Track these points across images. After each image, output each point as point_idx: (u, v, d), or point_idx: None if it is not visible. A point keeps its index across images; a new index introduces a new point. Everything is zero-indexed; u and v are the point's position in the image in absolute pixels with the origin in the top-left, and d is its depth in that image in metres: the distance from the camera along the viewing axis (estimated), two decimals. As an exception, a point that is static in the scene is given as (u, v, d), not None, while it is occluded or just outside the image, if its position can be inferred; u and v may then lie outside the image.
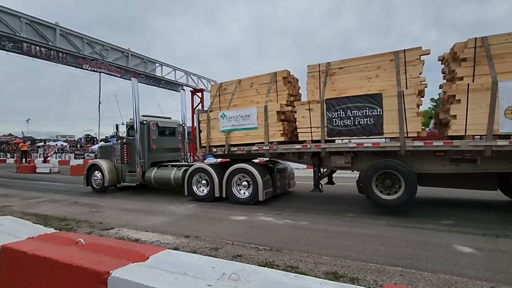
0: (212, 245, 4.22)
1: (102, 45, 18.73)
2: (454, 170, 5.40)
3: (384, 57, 5.83)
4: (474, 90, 4.90)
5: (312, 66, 6.49)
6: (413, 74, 5.55)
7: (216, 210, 6.64)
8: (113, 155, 9.73)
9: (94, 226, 5.40)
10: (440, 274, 3.12)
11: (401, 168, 5.52)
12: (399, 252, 3.78)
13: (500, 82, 4.69)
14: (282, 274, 1.81)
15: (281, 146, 6.74)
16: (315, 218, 5.64)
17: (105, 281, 1.83)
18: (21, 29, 14.49)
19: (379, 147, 5.70)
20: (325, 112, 6.03)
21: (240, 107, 7.47)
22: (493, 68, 4.83)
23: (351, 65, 6.14)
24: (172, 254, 2.23)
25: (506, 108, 4.67)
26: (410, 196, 5.48)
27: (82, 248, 2.32)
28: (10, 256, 2.48)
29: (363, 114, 5.69)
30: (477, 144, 4.92)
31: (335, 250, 3.92)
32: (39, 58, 15.68)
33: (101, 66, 18.48)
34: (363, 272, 3.21)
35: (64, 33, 16.47)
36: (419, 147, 5.32)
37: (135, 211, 6.75)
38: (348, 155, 6.21)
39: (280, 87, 7.06)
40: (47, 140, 41.25)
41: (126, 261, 2.00)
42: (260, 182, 6.87)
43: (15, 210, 6.79)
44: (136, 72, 21.22)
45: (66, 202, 8.02)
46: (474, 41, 5.01)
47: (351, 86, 6.07)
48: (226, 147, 7.46)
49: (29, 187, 11.17)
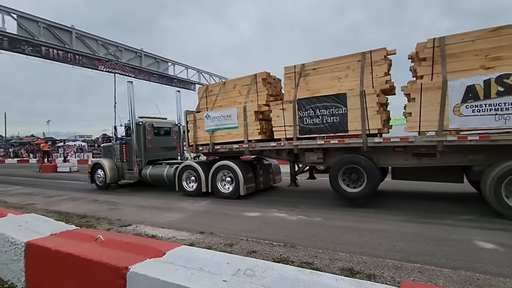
0: (227, 241, 4.26)
1: (116, 46, 19.12)
2: (417, 164, 5.70)
3: (352, 58, 6.11)
4: (427, 89, 5.14)
5: (288, 68, 6.85)
6: (379, 73, 5.83)
7: (229, 206, 6.69)
8: (114, 154, 10.32)
9: (113, 223, 5.56)
10: (461, 271, 3.02)
11: (363, 163, 5.84)
12: (417, 249, 3.69)
13: (450, 81, 4.92)
14: (297, 270, 1.81)
15: (259, 144, 7.14)
16: (329, 214, 5.59)
17: (124, 276, 1.88)
18: (39, 33, 14.98)
19: (343, 143, 6.01)
20: (296, 111, 6.38)
21: (225, 107, 7.87)
22: (444, 68, 5.05)
23: (323, 66, 6.43)
24: (188, 250, 2.26)
25: (454, 105, 4.90)
26: (372, 189, 5.80)
27: (102, 244, 2.39)
28: (35, 252, 2.59)
29: (330, 113, 6.04)
30: (430, 140, 5.18)
31: (350, 246, 3.88)
32: (57, 61, 16.19)
33: (115, 67, 18.89)
34: (380, 268, 3.16)
35: (79, 36, 16.91)
36: (379, 143, 5.65)
37: (152, 208, 6.91)
38: (320, 152, 6.54)
39: (260, 88, 7.39)
40: (66, 140, 42.68)
41: (143, 257, 2.05)
42: (241, 177, 7.22)
43: (39, 208, 7.08)
44: (150, 72, 21.56)
45: (85, 200, 8.29)
46: (433, 41, 5.20)
47: (324, 86, 6.38)
48: (210, 146, 7.93)
49: (51, 186, 11.62)
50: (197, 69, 25.15)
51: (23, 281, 2.70)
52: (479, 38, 4.93)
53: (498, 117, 4.63)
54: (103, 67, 18.19)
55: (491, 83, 4.63)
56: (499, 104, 4.60)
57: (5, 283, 2.87)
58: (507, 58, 4.73)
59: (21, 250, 2.69)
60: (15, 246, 2.76)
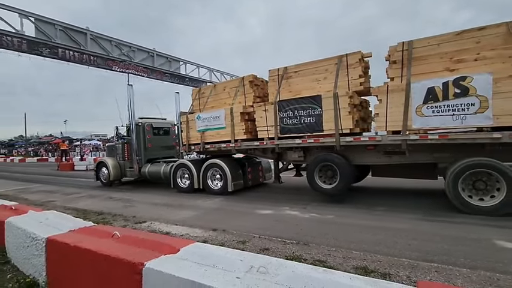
0: (239, 238, 4.28)
1: (129, 46, 19.45)
2: (388, 161, 5.99)
3: (330, 61, 6.38)
4: (392, 91, 5.41)
5: (272, 71, 7.23)
6: (354, 76, 6.10)
7: (241, 204, 6.73)
8: (116, 153, 10.79)
9: (128, 220, 5.69)
10: (480, 271, 2.93)
11: (336, 161, 6.16)
12: (434, 248, 3.60)
13: (412, 83, 5.19)
14: (310, 268, 1.80)
15: (244, 143, 7.53)
16: (342, 212, 5.53)
17: (140, 271, 1.92)
18: (56, 35, 15.42)
19: (319, 142, 6.32)
20: (277, 112, 6.74)
21: (216, 108, 8.29)
22: (409, 70, 5.32)
23: (304, 69, 6.73)
24: (201, 246, 2.29)
25: (416, 106, 5.16)
26: (345, 185, 6.10)
27: (118, 241, 2.45)
28: (55, 247, 2.68)
29: (307, 113, 6.35)
30: (395, 139, 5.42)
31: (364, 244, 3.82)
32: (73, 62, 16.62)
33: (128, 67, 19.22)
34: (395, 267, 3.10)
35: (94, 37, 17.29)
36: (351, 142, 5.94)
37: (165, 205, 7.02)
38: (300, 150, 6.92)
39: (247, 90, 7.74)
40: (82, 139, 43.93)
41: (158, 253, 2.08)
42: (229, 175, 7.64)
43: (58, 205, 7.33)
44: (162, 72, 21.84)
45: (102, 197, 8.52)
46: (402, 44, 5.47)
47: (305, 87, 6.68)
48: (201, 145, 8.42)
49: (68, 184, 11.99)
50: (208, 68, 25.30)
51: (44, 276, 2.80)
52: (444, 42, 5.16)
53: (455, 117, 4.89)
54: (117, 67, 18.57)
55: (449, 85, 4.89)
56: (456, 105, 4.86)
57: (27, 277, 2.99)
58: (469, 60, 4.97)
59: (42, 245, 2.79)
60: (37, 242, 2.87)
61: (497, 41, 4.76)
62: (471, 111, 4.75)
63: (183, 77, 23.47)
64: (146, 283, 1.91)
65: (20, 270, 3.22)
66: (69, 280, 2.51)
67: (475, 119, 4.74)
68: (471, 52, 4.97)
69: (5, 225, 3.53)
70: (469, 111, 4.76)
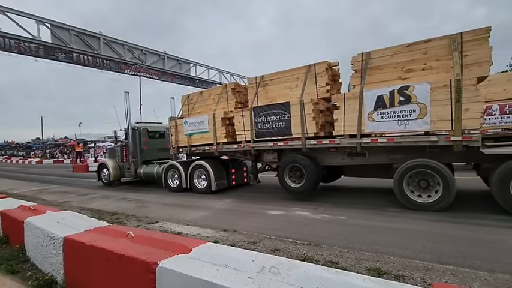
0: (250, 238, 4.30)
1: (141, 50, 19.79)
2: (351, 162, 6.48)
3: (301, 70, 6.84)
4: (348, 98, 5.93)
5: (251, 79, 7.89)
6: (321, 83, 6.56)
7: (252, 205, 6.74)
8: (116, 155, 11.52)
9: (141, 220, 5.79)
10: (498, 274, 2.85)
11: (302, 162, 6.65)
12: (449, 250, 3.52)
13: (365, 91, 5.65)
14: (322, 269, 1.79)
15: (225, 146, 8.10)
16: (354, 213, 5.47)
17: (154, 270, 1.96)
18: (71, 40, 15.85)
19: (288, 145, 6.82)
20: (253, 118, 7.25)
21: (202, 114, 8.87)
22: (363, 79, 5.82)
23: (278, 77, 7.27)
24: (213, 246, 2.31)
25: (368, 112, 5.63)
26: (310, 184, 6.57)
27: (132, 240, 2.50)
28: (71, 246, 2.76)
29: (278, 119, 6.87)
30: (351, 142, 5.91)
31: (377, 246, 3.77)
32: (87, 66, 17.04)
33: (140, 70, 19.55)
34: (409, 269, 3.05)
35: (107, 41, 17.68)
36: (315, 145, 6.39)
37: (176, 206, 7.11)
38: (274, 152, 7.49)
39: (229, 97, 8.29)
40: (96, 141, 44.87)
41: (171, 253, 2.11)
42: (212, 175, 8.19)
43: (74, 206, 7.53)
44: (173, 74, 22.12)
45: (115, 198, 8.70)
46: (361, 55, 5.94)
47: (279, 95, 7.21)
48: (188, 148, 9.06)
49: (83, 185, 12.30)
50: (218, 69, 25.48)
51: (61, 274, 2.89)
52: (397, 53, 5.62)
53: (400, 122, 5.35)
54: (129, 70, 18.93)
55: (395, 94, 5.34)
56: (401, 112, 5.32)
57: (45, 275, 3.09)
58: (418, 70, 5.44)
59: (60, 245, 2.88)
60: (54, 241, 2.96)
61: (441, 52, 5.22)
62: (413, 117, 5.22)
63: (193, 78, 23.71)
64: (160, 282, 1.94)
65: (38, 268, 3.33)
66: (86, 278, 2.58)
67: (416, 124, 5.21)
68: (419, 62, 5.44)
69: (25, 225, 3.66)
70: (412, 117, 5.23)
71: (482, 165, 5.32)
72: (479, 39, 4.87)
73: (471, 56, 4.94)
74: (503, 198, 4.69)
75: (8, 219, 4.22)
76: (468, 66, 4.96)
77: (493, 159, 4.84)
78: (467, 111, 4.72)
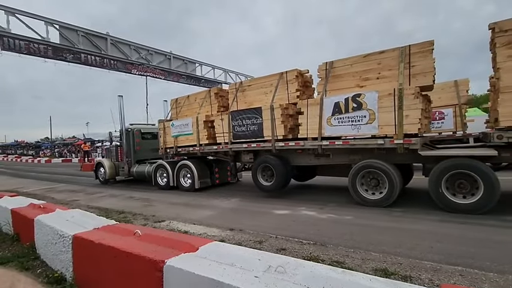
0: (256, 238, 4.30)
1: (147, 50, 19.93)
2: (318, 162, 6.95)
3: (275, 77, 7.33)
4: (311, 104, 6.45)
5: (231, 85, 8.56)
6: (292, 90, 7.06)
7: (258, 204, 6.75)
8: (112, 155, 12.10)
9: (148, 218, 5.85)
10: (508, 275, 2.80)
11: (272, 162, 7.19)
12: (457, 250, 3.47)
13: (324, 98, 6.18)
14: (328, 268, 1.79)
15: (207, 147, 8.70)
16: (361, 213, 5.44)
17: (161, 269, 1.98)
18: (79, 41, 16.05)
19: (260, 147, 7.39)
20: (230, 121, 7.78)
21: (188, 116, 9.40)
22: (325, 86, 6.33)
23: (255, 83, 7.84)
24: (219, 245, 2.32)
25: (327, 117, 6.15)
26: (280, 183, 7.11)
27: (139, 239, 2.53)
28: (80, 244, 2.80)
29: (251, 122, 7.41)
30: (313, 144, 6.40)
31: (384, 246, 3.74)
32: (95, 66, 17.24)
33: (147, 70, 19.70)
34: (416, 270, 3.02)
35: (114, 42, 17.85)
36: (283, 146, 6.96)
37: (183, 205, 7.16)
38: (251, 153, 8.06)
39: (213, 101, 8.89)
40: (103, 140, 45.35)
41: (178, 252, 2.13)
42: (196, 174, 8.73)
43: (82, 204, 7.63)
44: (179, 74, 22.24)
45: (122, 197, 8.80)
46: (325, 64, 6.43)
47: (256, 99, 7.72)
48: (174, 149, 9.70)
49: (91, 183, 12.45)
50: (223, 69, 25.52)
51: (71, 271, 2.93)
52: (356, 63, 6.09)
53: (353, 127, 5.86)
54: (136, 70, 19.09)
55: (349, 101, 5.84)
56: (354, 117, 5.83)
57: (55, 272, 3.14)
58: (373, 79, 5.90)
59: (69, 242, 2.92)
60: (64, 239, 3.01)
61: (392, 62, 5.66)
62: (364, 122, 5.73)
63: (199, 78, 23.80)
64: (167, 280, 1.96)
65: (48, 265, 3.39)
66: (94, 275, 2.62)
67: (367, 128, 5.71)
68: (375, 72, 5.88)
69: (35, 223, 3.72)
70: (363, 122, 5.74)
71: (425, 165, 5.66)
72: (424, 52, 5.29)
73: (417, 66, 5.38)
74: (436, 195, 5.15)
75: (19, 217, 4.30)
76: (415, 75, 5.42)
77: (429, 161, 5.40)
78: (407, 117, 5.25)
